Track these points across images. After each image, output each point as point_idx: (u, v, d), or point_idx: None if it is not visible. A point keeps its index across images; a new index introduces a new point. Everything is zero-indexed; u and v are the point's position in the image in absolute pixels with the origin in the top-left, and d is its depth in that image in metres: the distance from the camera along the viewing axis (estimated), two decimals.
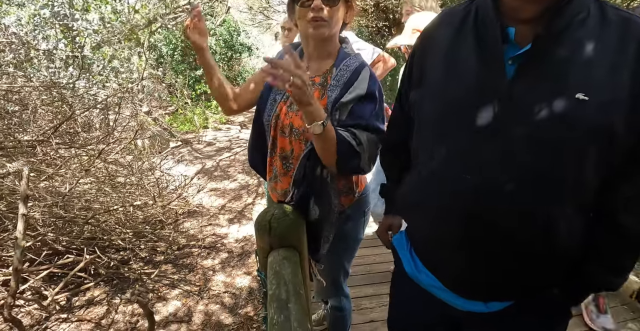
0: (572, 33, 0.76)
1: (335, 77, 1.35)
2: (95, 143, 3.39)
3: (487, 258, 0.87)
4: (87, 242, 3.05)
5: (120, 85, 5.01)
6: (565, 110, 0.75)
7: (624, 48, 0.75)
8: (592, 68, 0.75)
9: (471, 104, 0.82)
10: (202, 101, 9.63)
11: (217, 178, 5.57)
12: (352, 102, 1.32)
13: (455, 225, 0.87)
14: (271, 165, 1.54)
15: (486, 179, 0.81)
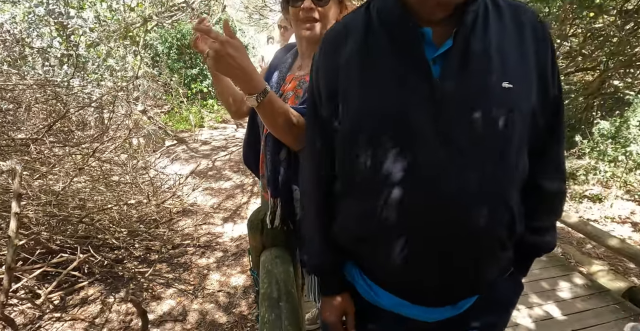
0: (480, 26, 0.79)
1: None
2: (89, 141, 3.38)
3: (458, 262, 0.85)
4: (81, 240, 3.04)
5: (115, 83, 4.99)
6: (497, 101, 0.78)
7: (522, 34, 0.82)
8: (506, 57, 0.79)
9: (407, 113, 0.78)
10: (198, 100, 9.62)
11: (212, 178, 5.56)
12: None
13: (425, 242, 0.83)
14: (264, 162, 1.52)
15: (447, 188, 0.78)
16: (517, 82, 0.78)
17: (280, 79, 1.48)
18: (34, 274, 2.59)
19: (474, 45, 0.78)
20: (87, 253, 2.90)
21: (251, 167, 1.69)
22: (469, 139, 0.77)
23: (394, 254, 0.85)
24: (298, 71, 1.46)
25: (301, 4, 1.26)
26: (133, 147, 4.84)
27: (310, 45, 1.38)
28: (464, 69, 0.77)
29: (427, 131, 0.77)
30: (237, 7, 14.77)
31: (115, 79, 5.01)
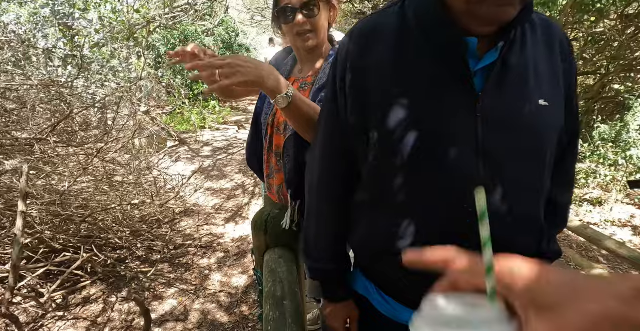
0: (519, 41, 0.77)
1: (323, 71, 1.40)
2: (93, 142, 3.41)
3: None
4: (84, 240, 3.06)
5: (119, 84, 5.02)
6: (534, 118, 0.77)
7: (553, 51, 0.81)
8: (540, 73, 0.78)
9: (447, 126, 0.75)
10: (200, 101, 9.65)
11: (213, 178, 5.58)
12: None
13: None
14: (267, 162, 1.58)
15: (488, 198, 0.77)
16: (551, 100, 0.78)
17: None
18: (37, 273, 2.61)
19: (514, 59, 0.76)
20: (90, 253, 2.92)
21: (255, 168, 1.72)
22: (507, 156, 0.76)
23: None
24: (299, 74, 1.52)
25: (293, 20, 1.31)
26: (136, 148, 4.87)
27: (309, 53, 1.44)
28: (504, 84, 0.75)
29: (466, 145, 0.74)
30: (239, 8, 14.83)
31: (119, 80, 5.04)
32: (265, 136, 1.55)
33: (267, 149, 1.56)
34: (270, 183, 1.60)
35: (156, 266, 3.31)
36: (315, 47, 1.40)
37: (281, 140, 1.47)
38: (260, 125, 1.58)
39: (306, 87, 1.45)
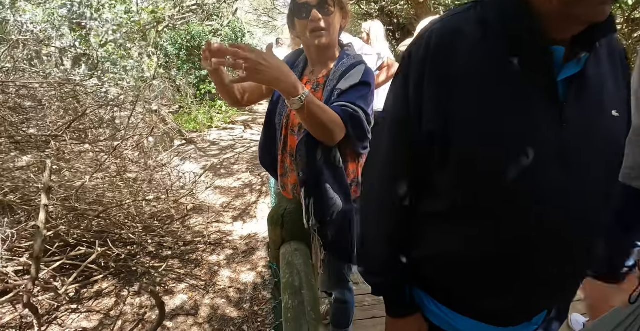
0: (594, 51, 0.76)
1: (334, 73, 1.45)
2: (108, 139, 3.48)
3: (561, 281, 0.84)
4: (98, 235, 3.13)
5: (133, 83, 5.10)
6: (611, 128, 0.78)
7: (614, 60, 0.82)
8: (610, 84, 0.79)
9: (533, 136, 0.74)
10: (207, 101, 9.73)
11: (221, 177, 5.65)
12: (346, 88, 1.39)
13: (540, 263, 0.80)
14: (282, 162, 1.62)
15: (567, 212, 0.76)
16: (621, 111, 0.79)
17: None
18: (54, 266, 2.68)
19: (591, 70, 0.76)
20: (105, 247, 2.99)
21: (267, 167, 1.77)
22: (586, 165, 0.76)
23: (501, 277, 0.82)
24: (311, 75, 1.56)
25: (308, 16, 1.36)
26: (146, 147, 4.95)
27: (320, 52, 1.49)
28: (583, 94, 0.75)
29: (550, 155, 0.73)
30: (245, 9, 14.91)
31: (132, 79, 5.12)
32: (280, 137, 1.59)
33: (281, 149, 1.60)
34: (285, 182, 1.65)
35: (167, 261, 3.37)
36: (326, 47, 1.45)
37: (295, 141, 1.51)
38: (274, 125, 1.63)
39: (318, 88, 1.50)
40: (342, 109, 1.31)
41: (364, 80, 1.40)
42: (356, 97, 1.37)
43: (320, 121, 1.24)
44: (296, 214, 1.50)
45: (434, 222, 0.87)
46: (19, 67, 3.57)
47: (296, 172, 1.50)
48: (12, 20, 3.98)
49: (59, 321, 2.80)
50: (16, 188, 2.95)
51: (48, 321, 2.78)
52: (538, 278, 0.81)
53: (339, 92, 1.38)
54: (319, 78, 1.52)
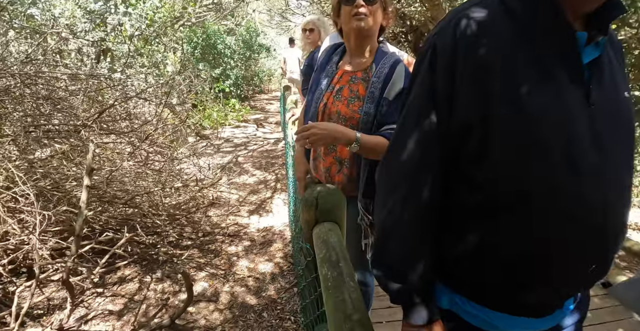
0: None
1: (376, 74, 1.56)
2: (135, 130, 3.60)
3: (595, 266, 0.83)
4: (123, 222, 3.24)
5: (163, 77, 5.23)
6: (626, 109, 0.83)
7: (613, 43, 0.86)
8: (617, 68, 0.84)
9: (570, 120, 0.75)
10: (220, 99, 9.88)
11: (236, 173, 5.76)
12: (393, 98, 1.54)
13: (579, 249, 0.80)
14: (333, 163, 1.71)
15: (604, 194, 0.78)
16: (628, 92, 0.85)
17: (331, 74, 1.70)
18: (84, 248, 2.79)
19: (605, 54, 0.80)
20: (132, 233, 3.09)
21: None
22: (614, 146, 0.79)
23: (541, 268, 0.81)
24: (347, 66, 1.66)
25: (354, 2, 1.51)
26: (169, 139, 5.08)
27: (360, 40, 1.60)
28: (603, 77, 0.79)
29: (585, 138, 0.75)
30: (259, 9, 15.07)
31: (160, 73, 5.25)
32: (315, 121, 1.67)
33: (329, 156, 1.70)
34: (317, 164, 1.77)
35: (188, 250, 3.47)
36: (366, 34, 1.57)
37: None
38: (310, 105, 1.74)
39: (356, 81, 1.61)
40: (390, 133, 1.48)
41: (406, 85, 1.48)
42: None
43: (374, 152, 1.49)
44: (329, 197, 1.58)
45: (471, 216, 0.84)
46: (48, 61, 3.70)
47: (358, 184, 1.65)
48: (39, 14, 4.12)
49: (85, 305, 2.91)
50: (46, 174, 3.07)
51: (75, 304, 2.89)
52: (577, 266, 0.81)
53: (386, 103, 1.53)
54: (357, 71, 1.63)
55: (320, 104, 1.67)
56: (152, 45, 5.45)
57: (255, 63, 12.90)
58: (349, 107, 1.58)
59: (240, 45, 11.68)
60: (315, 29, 3.56)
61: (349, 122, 1.59)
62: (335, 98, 1.63)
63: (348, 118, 1.59)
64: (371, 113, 1.54)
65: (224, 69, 10.93)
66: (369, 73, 1.62)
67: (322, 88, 1.70)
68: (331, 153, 1.69)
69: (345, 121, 1.60)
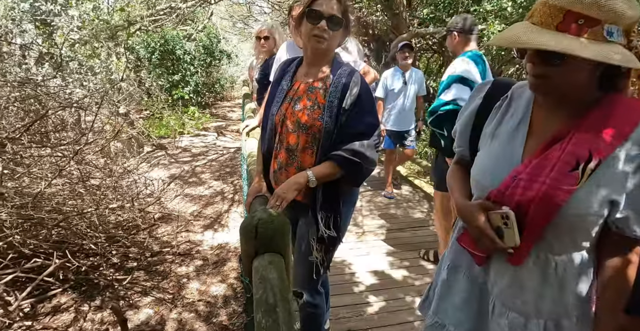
0: None
1: (334, 84, 1.61)
2: (70, 143, 3.29)
3: None
4: (56, 246, 2.93)
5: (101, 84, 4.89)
6: None
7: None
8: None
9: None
10: (179, 106, 9.52)
11: (192, 185, 5.48)
12: (350, 107, 1.60)
13: None
14: (275, 158, 1.72)
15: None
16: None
17: (287, 87, 1.72)
18: (5, 279, 2.48)
19: None
20: (63, 259, 2.79)
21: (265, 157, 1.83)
22: None
23: None
24: (305, 77, 1.69)
25: (318, 23, 1.54)
26: (113, 151, 4.74)
27: (316, 56, 1.65)
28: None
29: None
30: (221, 15, 14.78)
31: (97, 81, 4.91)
32: (275, 134, 1.70)
33: (277, 145, 1.71)
34: (278, 176, 1.72)
35: (132, 274, 3.19)
36: (322, 52, 1.62)
37: (293, 137, 1.64)
38: (267, 117, 1.75)
39: (314, 90, 1.64)
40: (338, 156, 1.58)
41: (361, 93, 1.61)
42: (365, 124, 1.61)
43: (329, 178, 1.61)
44: (271, 224, 1.41)
45: None
46: None
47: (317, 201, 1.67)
48: None
49: None
50: None
51: None
52: None
53: (344, 112, 1.59)
54: (314, 81, 1.66)
55: (277, 117, 1.68)
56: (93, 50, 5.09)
57: (217, 69, 12.57)
58: (309, 116, 1.60)
59: (201, 51, 11.35)
60: (270, 37, 3.41)
61: (310, 130, 1.60)
62: (293, 109, 1.64)
63: (309, 126, 1.60)
64: (332, 122, 1.57)
65: (183, 75, 10.56)
66: (326, 83, 1.64)
67: (278, 100, 1.71)
68: (294, 164, 1.67)
69: (306, 130, 1.61)
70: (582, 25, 0.79)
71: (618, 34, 0.80)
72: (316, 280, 1.85)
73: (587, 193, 0.86)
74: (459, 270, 1.17)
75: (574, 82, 0.85)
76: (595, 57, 0.76)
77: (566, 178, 0.86)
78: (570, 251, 0.95)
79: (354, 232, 3.71)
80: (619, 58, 0.77)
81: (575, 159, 0.86)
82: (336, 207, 1.72)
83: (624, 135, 0.84)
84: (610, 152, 0.84)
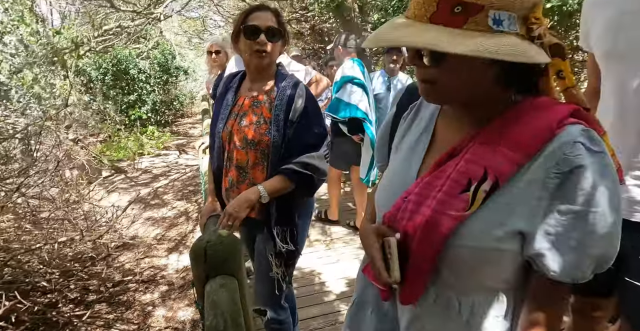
0: None
1: (279, 97, 1.59)
2: (14, 176, 3.11)
3: None
4: (7, 286, 2.74)
5: (44, 112, 4.67)
6: None
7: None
8: None
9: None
10: (137, 127, 9.26)
11: (153, 207, 5.31)
12: (297, 119, 1.58)
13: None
14: (226, 176, 1.69)
15: None
16: None
17: (231, 103, 1.69)
18: None
19: None
20: (13, 300, 2.62)
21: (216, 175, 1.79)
22: None
23: None
24: (248, 92, 1.67)
25: (257, 38, 1.52)
26: (64, 180, 4.53)
27: (259, 71, 1.63)
28: None
29: None
30: (175, 30, 14.55)
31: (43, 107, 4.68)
32: (224, 152, 1.68)
33: (226, 163, 1.68)
34: (230, 194, 1.69)
35: (92, 307, 3.03)
36: (265, 67, 1.60)
37: (242, 154, 1.62)
38: (214, 135, 1.71)
39: (259, 105, 1.61)
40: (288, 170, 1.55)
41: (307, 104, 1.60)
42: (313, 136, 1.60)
43: (280, 192, 1.58)
44: (220, 246, 1.36)
45: None
46: None
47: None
48: None
49: None
50: None
51: None
52: None
53: (291, 124, 1.57)
54: (258, 95, 1.63)
55: (224, 134, 1.65)
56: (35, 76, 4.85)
57: (174, 86, 12.32)
58: (256, 131, 1.58)
59: (156, 68, 11.10)
60: (221, 51, 3.39)
61: (259, 146, 1.59)
62: (239, 125, 1.62)
63: (257, 142, 1.58)
64: (279, 136, 1.55)
65: (139, 95, 10.29)
66: (271, 96, 1.63)
67: (223, 117, 1.68)
68: (245, 181, 1.65)
69: (254, 146, 1.59)
70: (459, 13, 0.61)
71: (510, 22, 0.62)
72: (279, 296, 1.82)
73: (481, 221, 0.68)
74: (366, 306, 1.00)
75: (464, 84, 0.68)
76: (470, 53, 0.59)
77: (455, 201, 0.68)
78: (478, 291, 0.76)
79: (322, 241, 3.68)
80: (506, 51, 0.60)
81: (467, 178, 0.68)
82: (291, 221, 1.70)
83: (533, 149, 0.65)
84: (513, 169, 0.66)
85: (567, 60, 0.69)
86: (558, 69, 0.70)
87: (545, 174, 0.64)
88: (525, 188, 0.66)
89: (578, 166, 0.62)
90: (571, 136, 0.64)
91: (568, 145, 0.63)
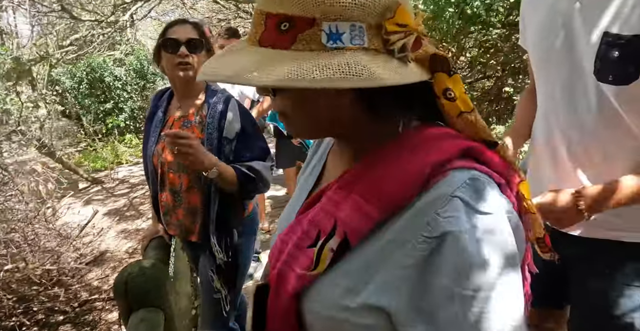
0: None
1: (210, 114, 1.54)
2: None
3: None
4: None
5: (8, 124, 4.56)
6: None
7: None
8: None
9: None
10: (115, 135, 9.12)
11: (129, 218, 5.22)
12: (234, 137, 1.55)
13: None
14: (161, 200, 1.65)
15: None
16: None
17: (160, 124, 1.62)
18: None
19: None
20: None
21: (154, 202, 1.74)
22: None
23: None
24: (177, 111, 1.61)
25: (177, 50, 1.48)
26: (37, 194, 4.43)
27: (186, 86, 1.57)
28: None
29: None
30: (150, 35, 14.35)
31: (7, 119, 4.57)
32: (157, 176, 1.62)
33: (160, 187, 1.63)
34: (169, 220, 1.64)
35: (56, 330, 2.96)
36: (191, 80, 1.53)
37: (175, 178, 1.58)
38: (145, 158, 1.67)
39: (189, 125, 1.56)
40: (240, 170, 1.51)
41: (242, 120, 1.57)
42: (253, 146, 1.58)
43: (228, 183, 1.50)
44: (142, 277, 1.31)
45: None
46: None
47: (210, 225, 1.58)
48: None
49: None
50: None
51: None
52: None
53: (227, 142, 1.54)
54: (188, 114, 1.59)
55: (155, 158, 1.60)
56: None
57: (152, 92, 12.18)
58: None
59: (132, 75, 10.94)
60: None
61: (192, 169, 1.53)
62: (169, 148, 1.53)
63: (188, 165, 1.51)
64: (214, 155, 1.49)
65: (116, 103, 10.14)
66: (201, 114, 1.57)
67: (154, 140, 1.62)
68: (181, 205, 1.60)
69: (187, 168, 1.53)
70: (286, 30, 0.48)
71: (354, 35, 0.48)
72: (226, 318, 1.77)
73: (328, 286, 0.53)
74: None
75: (312, 116, 0.55)
76: (274, 83, 0.46)
77: (302, 256, 0.55)
78: None
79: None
80: (328, 76, 0.45)
81: (317, 230, 0.54)
82: (229, 231, 1.65)
83: (394, 202, 0.50)
84: (368, 226, 0.50)
85: (457, 76, 0.54)
86: (444, 87, 0.54)
87: (412, 236, 0.48)
88: (386, 252, 0.49)
89: (449, 232, 0.46)
90: (451, 187, 0.48)
91: (442, 201, 0.47)
